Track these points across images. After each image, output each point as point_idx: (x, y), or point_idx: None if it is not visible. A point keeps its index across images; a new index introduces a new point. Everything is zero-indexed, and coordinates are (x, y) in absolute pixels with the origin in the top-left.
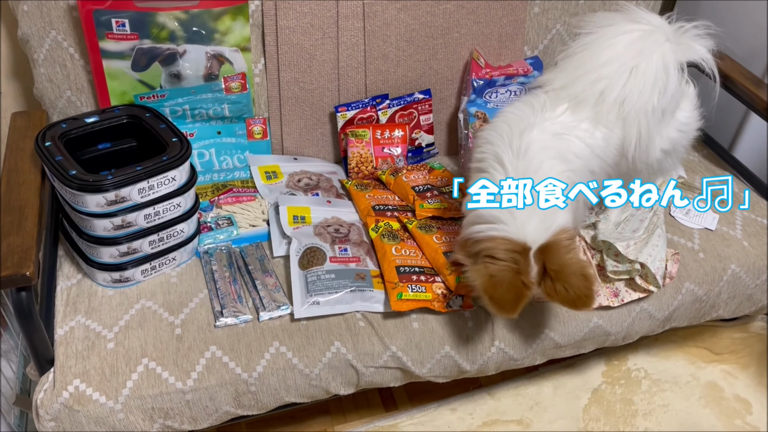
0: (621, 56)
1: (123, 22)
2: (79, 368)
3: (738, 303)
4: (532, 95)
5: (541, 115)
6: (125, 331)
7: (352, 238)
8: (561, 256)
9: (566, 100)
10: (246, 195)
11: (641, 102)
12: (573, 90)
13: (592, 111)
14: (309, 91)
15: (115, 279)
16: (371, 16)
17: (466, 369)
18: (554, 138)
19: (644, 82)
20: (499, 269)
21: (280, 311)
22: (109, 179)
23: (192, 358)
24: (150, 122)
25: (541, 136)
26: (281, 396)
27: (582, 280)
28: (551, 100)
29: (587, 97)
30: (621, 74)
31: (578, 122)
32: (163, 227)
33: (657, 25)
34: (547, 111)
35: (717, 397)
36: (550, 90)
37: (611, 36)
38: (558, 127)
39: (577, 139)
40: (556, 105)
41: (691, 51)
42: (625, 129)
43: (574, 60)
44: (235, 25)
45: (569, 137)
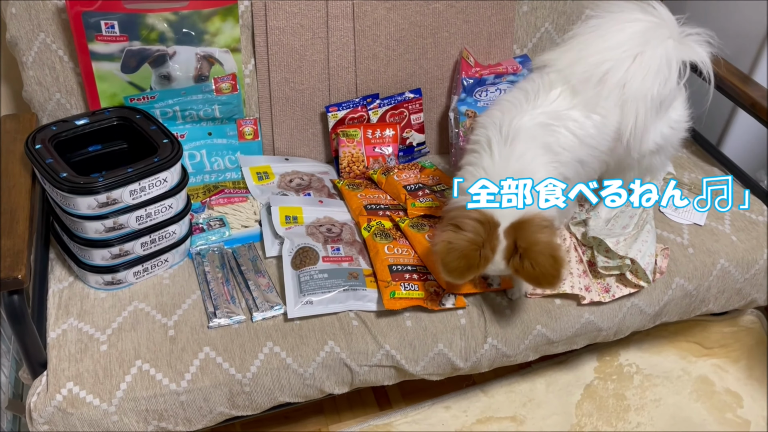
0: (627, 42)
1: (112, 24)
2: (72, 371)
3: (727, 297)
4: (528, 80)
5: (533, 101)
6: (118, 333)
7: (345, 238)
8: (532, 235)
9: (561, 83)
10: (238, 196)
11: (643, 88)
12: (575, 70)
13: (590, 94)
14: (299, 91)
15: (107, 281)
16: (361, 16)
17: (460, 366)
18: (542, 128)
19: (648, 69)
20: (458, 237)
21: (274, 311)
22: (100, 181)
23: (185, 360)
24: (140, 124)
25: (531, 124)
26: (275, 396)
27: (549, 260)
28: (545, 84)
29: (590, 78)
30: (626, 59)
31: (570, 109)
32: (155, 229)
33: (665, 19)
34: (540, 97)
35: (708, 391)
36: (551, 71)
37: (620, 21)
38: (547, 117)
39: (566, 130)
40: (550, 89)
41: (693, 52)
42: (622, 114)
43: (581, 40)
44: (224, 26)
45: (557, 128)
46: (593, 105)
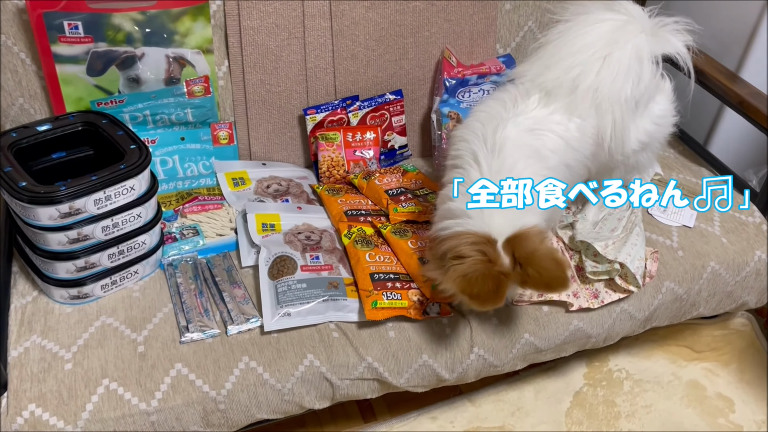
0: (594, 44)
1: (76, 25)
2: (34, 392)
3: (718, 300)
4: (502, 90)
5: (513, 110)
6: (84, 351)
7: (324, 246)
8: (529, 245)
9: (537, 90)
10: (212, 203)
11: (614, 90)
12: (546, 78)
13: (566, 100)
14: (276, 93)
15: (72, 295)
16: (338, 15)
17: (445, 378)
18: (528, 134)
19: (617, 70)
20: (470, 265)
21: (250, 324)
22: (62, 190)
23: (156, 377)
24: (107, 129)
25: (516, 133)
26: (252, 413)
27: (553, 263)
28: (522, 93)
29: (561, 84)
30: (594, 62)
31: (550, 114)
32: (123, 239)
33: (634, 16)
34: (519, 105)
35: (699, 395)
36: (524, 82)
37: (586, 24)
38: (531, 122)
39: (552, 133)
40: (527, 97)
41: (668, 44)
42: (598, 118)
43: (549, 49)
44: (195, 26)
45: (543, 132)
46: (572, 109)
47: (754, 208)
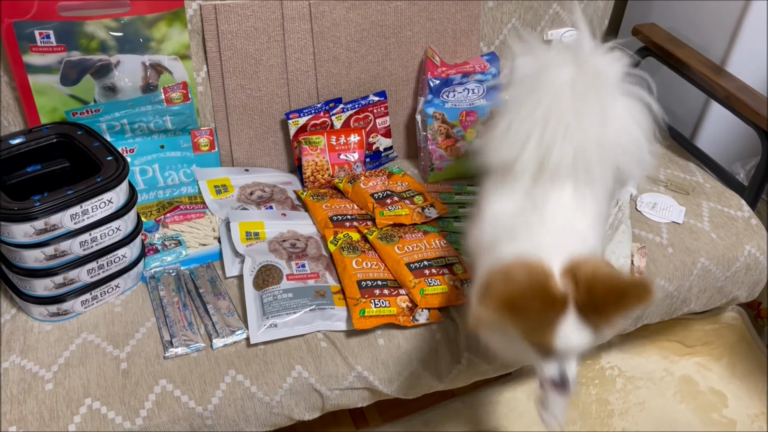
0: (559, 114)
1: (47, 34)
2: (14, 414)
3: (709, 296)
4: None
5: (543, 217)
6: (65, 370)
7: (310, 253)
8: (587, 269)
9: (547, 179)
10: (194, 212)
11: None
12: (524, 159)
13: (570, 176)
14: (257, 98)
15: (52, 312)
16: (318, 17)
17: (437, 384)
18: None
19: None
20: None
21: (235, 336)
22: (36, 206)
23: (140, 395)
24: (82, 140)
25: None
26: (240, 427)
27: (613, 274)
28: (524, 187)
29: (560, 162)
30: (560, 131)
31: (560, 195)
32: (103, 254)
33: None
34: (538, 206)
35: (692, 391)
36: (523, 174)
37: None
38: (554, 226)
39: (578, 219)
40: (540, 192)
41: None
42: (602, 175)
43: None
44: (171, 32)
45: (571, 225)
46: (575, 185)
47: (742, 202)
